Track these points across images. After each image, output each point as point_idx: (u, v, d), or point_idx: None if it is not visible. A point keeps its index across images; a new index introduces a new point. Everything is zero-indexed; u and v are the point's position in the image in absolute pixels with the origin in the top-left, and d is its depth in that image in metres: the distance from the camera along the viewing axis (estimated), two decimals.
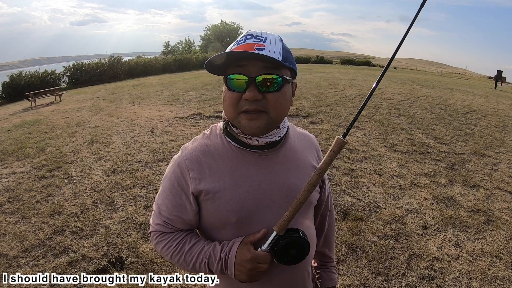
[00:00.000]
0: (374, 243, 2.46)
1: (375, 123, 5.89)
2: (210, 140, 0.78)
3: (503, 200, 3.22)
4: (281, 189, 0.77)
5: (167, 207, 0.78)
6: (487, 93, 12.78)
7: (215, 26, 57.67)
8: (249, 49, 0.67)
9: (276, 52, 0.68)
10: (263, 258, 0.71)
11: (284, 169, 0.78)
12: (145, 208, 3.01)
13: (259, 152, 0.76)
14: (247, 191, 0.74)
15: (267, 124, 0.70)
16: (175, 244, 0.78)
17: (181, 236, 0.79)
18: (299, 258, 0.74)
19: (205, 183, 0.74)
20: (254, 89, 0.67)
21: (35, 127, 6.52)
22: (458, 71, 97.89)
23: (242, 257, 0.71)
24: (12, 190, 3.48)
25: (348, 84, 11.27)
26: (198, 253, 0.76)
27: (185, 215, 0.77)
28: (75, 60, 21.50)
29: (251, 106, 0.68)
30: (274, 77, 0.68)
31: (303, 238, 0.73)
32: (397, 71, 32.67)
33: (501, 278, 2.14)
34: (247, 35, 0.70)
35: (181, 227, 0.80)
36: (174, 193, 0.76)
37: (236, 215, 0.74)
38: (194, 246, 0.77)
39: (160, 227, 0.80)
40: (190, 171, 0.74)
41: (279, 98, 0.70)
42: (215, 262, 0.74)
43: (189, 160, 0.75)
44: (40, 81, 17.34)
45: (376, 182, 3.50)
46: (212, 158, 0.75)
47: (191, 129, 5.60)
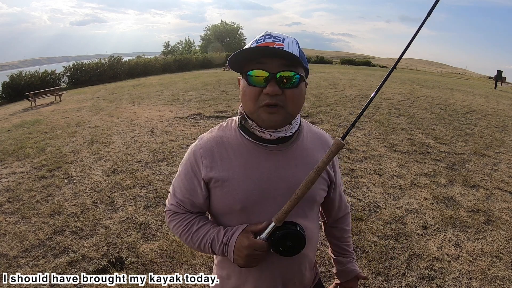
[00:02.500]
0: (374, 243, 2.46)
1: (375, 123, 5.89)
2: (225, 132, 0.84)
3: (503, 200, 3.22)
4: (288, 183, 0.79)
5: (180, 190, 0.86)
6: (487, 93, 12.78)
7: (215, 26, 57.65)
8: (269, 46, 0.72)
9: (295, 51, 0.73)
10: (259, 246, 0.76)
11: (292, 164, 0.81)
12: (145, 208, 3.01)
13: (269, 147, 0.80)
14: (254, 182, 0.79)
15: (284, 118, 0.75)
16: (185, 224, 0.86)
17: (190, 218, 0.86)
18: (294, 250, 0.77)
19: (215, 171, 0.79)
20: (274, 84, 0.71)
21: (35, 127, 6.52)
22: (458, 71, 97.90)
23: (241, 243, 0.77)
24: (12, 190, 3.48)
25: (348, 84, 11.28)
26: (204, 235, 0.83)
27: (195, 199, 0.84)
28: (75, 60, 21.50)
29: (271, 101, 0.72)
30: (292, 74, 0.72)
31: (299, 232, 0.77)
32: (397, 71, 32.66)
33: (501, 278, 2.14)
34: (266, 35, 0.75)
35: (192, 209, 0.87)
36: (188, 178, 0.83)
37: (241, 203, 0.79)
38: (201, 228, 0.84)
39: (173, 207, 0.88)
40: (203, 159, 0.81)
41: (296, 94, 0.74)
42: (217, 245, 0.80)
43: (203, 149, 0.82)
44: (40, 81, 17.33)
45: (376, 182, 3.50)
46: (224, 149, 0.81)
47: (191, 129, 5.60)
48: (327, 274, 2.12)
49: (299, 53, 0.74)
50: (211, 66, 30.60)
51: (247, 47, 0.72)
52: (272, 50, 0.71)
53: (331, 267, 2.18)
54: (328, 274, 2.11)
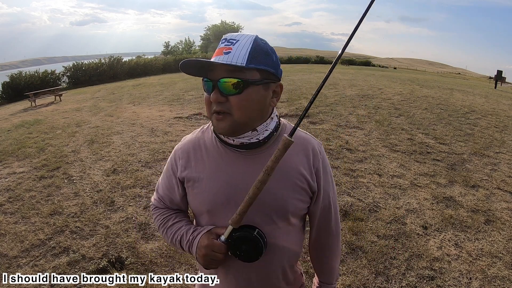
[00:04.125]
0: (374, 243, 2.46)
1: (375, 123, 5.89)
2: (204, 134, 0.86)
3: (503, 200, 3.22)
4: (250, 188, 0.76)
5: (162, 186, 0.92)
6: (487, 93, 12.78)
7: (215, 26, 57.64)
8: (219, 53, 0.71)
9: (241, 55, 0.69)
10: (217, 247, 0.76)
11: (259, 171, 0.76)
12: (145, 208, 3.01)
13: (242, 152, 0.79)
14: (221, 186, 0.79)
15: (231, 125, 0.73)
16: (162, 218, 0.90)
17: (168, 213, 0.91)
18: (251, 256, 0.76)
19: (188, 172, 0.83)
20: (217, 91, 0.71)
21: (35, 127, 6.52)
22: (458, 71, 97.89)
23: (201, 243, 0.79)
24: (12, 190, 3.48)
25: (348, 84, 11.27)
26: (176, 231, 0.86)
27: (174, 196, 0.89)
28: (75, 60, 21.48)
29: (217, 108, 0.73)
30: (234, 80, 0.70)
31: (255, 236, 0.75)
32: (397, 71, 32.65)
33: (501, 278, 2.14)
34: (223, 39, 0.74)
35: (171, 205, 0.91)
36: (168, 176, 0.89)
37: (207, 205, 0.81)
38: (175, 224, 0.88)
39: (156, 202, 0.94)
40: (180, 159, 0.85)
41: (242, 100, 0.71)
42: (185, 242, 0.83)
43: (181, 150, 0.86)
44: (40, 81, 17.31)
45: (376, 182, 3.50)
46: (199, 151, 0.84)
47: (191, 129, 5.60)
48: None
49: (248, 55, 0.69)
50: None
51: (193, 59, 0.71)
52: (207, 63, 0.70)
53: None
54: None
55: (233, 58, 0.69)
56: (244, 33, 0.73)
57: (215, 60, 0.70)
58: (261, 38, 0.75)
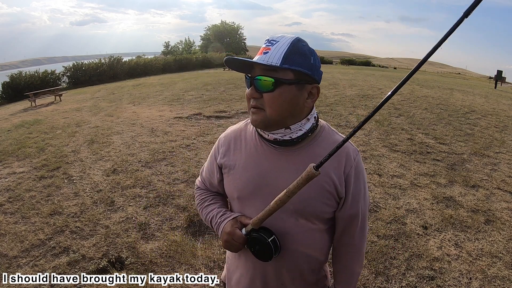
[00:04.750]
0: (374, 243, 2.46)
1: (375, 123, 5.89)
2: (247, 127, 0.92)
3: (503, 200, 3.22)
4: (282, 186, 0.77)
5: (205, 170, 1.01)
6: (487, 93, 12.77)
7: (215, 26, 57.64)
8: (260, 53, 0.76)
9: (276, 56, 0.73)
10: (237, 237, 0.83)
11: (292, 169, 0.81)
12: (145, 208, 3.01)
13: (275, 147, 0.84)
14: (252, 176, 0.85)
15: (263, 120, 0.78)
16: (201, 198, 1.00)
17: (207, 194, 1.00)
18: (262, 256, 0.81)
19: (226, 159, 0.90)
20: (253, 88, 0.77)
21: (35, 127, 6.52)
22: (458, 71, 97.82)
23: (225, 229, 0.85)
24: (12, 190, 3.48)
25: (348, 84, 11.27)
26: (210, 211, 0.94)
27: (213, 180, 0.97)
28: (75, 60, 21.48)
29: (252, 103, 0.78)
30: (267, 79, 0.74)
31: (268, 242, 0.78)
32: (397, 71, 32.67)
33: (501, 278, 2.14)
34: (266, 40, 0.79)
35: (211, 188, 1.01)
36: (211, 161, 0.97)
37: (238, 192, 0.87)
38: (210, 205, 0.96)
39: (199, 183, 1.05)
40: (222, 146, 0.93)
41: (273, 98, 0.75)
42: (214, 222, 0.91)
43: (224, 138, 0.94)
44: (40, 81, 17.32)
45: (376, 182, 3.50)
46: (239, 141, 0.90)
47: (191, 129, 5.60)
48: None
49: (283, 56, 0.72)
50: (211, 66, 30.59)
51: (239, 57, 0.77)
52: (247, 62, 0.75)
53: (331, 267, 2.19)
54: None
55: (269, 58, 0.74)
56: (286, 35, 0.77)
57: (255, 59, 0.76)
58: (303, 40, 0.77)
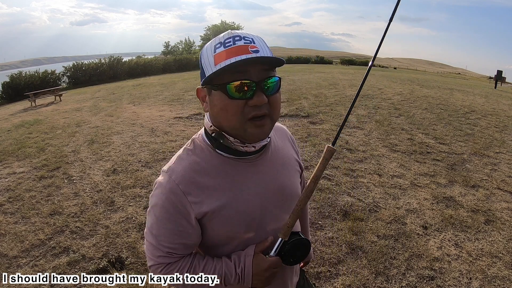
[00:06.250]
0: (374, 243, 2.46)
1: (375, 123, 5.89)
2: (198, 155, 0.73)
3: (503, 200, 3.22)
4: (274, 190, 0.78)
5: (167, 237, 0.73)
6: (487, 93, 12.77)
7: (215, 26, 57.65)
8: (245, 52, 0.63)
9: (269, 52, 0.67)
10: (277, 264, 0.75)
11: (273, 170, 0.79)
12: (145, 208, 3.01)
13: (250, 158, 0.75)
14: (249, 200, 0.74)
15: (271, 127, 0.70)
16: (186, 270, 0.77)
17: (189, 262, 0.78)
18: (302, 257, 0.80)
19: (207, 205, 0.70)
20: (261, 93, 0.64)
21: (35, 127, 6.52)
22: (458, 71, 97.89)
23: (259, 268, 0.74)
24: (12, 190, 3.48)
25: (348, 84, 11.27)
26: (213, 270, 0.76)
27: (189, 240, 0.75)
28: (75, 60, 21.51)
29: (260, 111, 0.65)
30: (275, 79, 0.67)
31: (305, 239, 0.79)
32: (397, 71, 32.66)
33: (501, 278, 2.14)
34: (234, 36, 0.65)
35: (186, 252, 0.78)
36: (173, 221, 0.71)
37: (244, 225, 0.74)
38: (205, 268, 0.76)
39: (164, 258, 0.76)
40: (187, 196, 0.70)
41: (278, 98, 0.70)
42: (231, 279, 0.75)
43: (182, 184, 0.70)
44: (40, 81, 17.34)
45: (376, 182, 3.50)
46: (207, 175, 0.71)
47: (191, 129, 5.60)
48: (327, 274, 2.12)
49: (271, 52, 0.68)
50: None
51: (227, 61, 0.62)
52: (259, 59, 0.63)
53: (331, 267, 2.19)
54: (328, 274, 2.11)
55: (268, 53, 0.66)
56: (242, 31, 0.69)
57: (265, 55, 0.65)
58: None
